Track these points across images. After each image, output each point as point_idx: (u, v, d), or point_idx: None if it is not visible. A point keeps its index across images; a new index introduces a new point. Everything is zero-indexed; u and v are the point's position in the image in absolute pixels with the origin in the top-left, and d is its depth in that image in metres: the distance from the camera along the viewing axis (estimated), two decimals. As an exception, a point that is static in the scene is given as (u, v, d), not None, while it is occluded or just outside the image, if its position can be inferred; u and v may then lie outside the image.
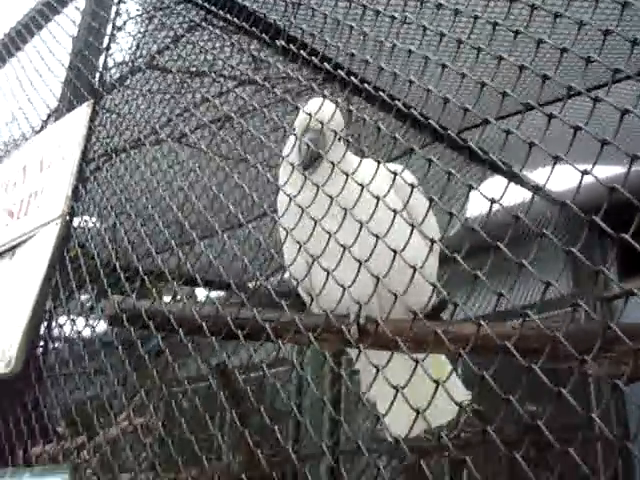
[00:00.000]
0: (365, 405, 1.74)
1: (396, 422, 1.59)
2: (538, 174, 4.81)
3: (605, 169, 3.65)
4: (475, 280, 1.38)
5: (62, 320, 2.57)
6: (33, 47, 4.17)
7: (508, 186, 1.46)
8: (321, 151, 1.97)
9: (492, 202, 1.43)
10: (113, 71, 3.37)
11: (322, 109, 2.00)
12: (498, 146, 1.52)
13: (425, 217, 1.76)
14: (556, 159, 1.31)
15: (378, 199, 1.72)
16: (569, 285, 5.61)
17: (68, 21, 3.86)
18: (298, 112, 2.05)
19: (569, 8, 1.60)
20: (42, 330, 2.59)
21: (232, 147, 2.38)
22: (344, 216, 1.75)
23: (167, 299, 2.36)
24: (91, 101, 3.01)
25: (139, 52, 3.41)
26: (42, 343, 2.61)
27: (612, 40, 1.41)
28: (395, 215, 1.67)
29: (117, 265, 2.38)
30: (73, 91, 3.25)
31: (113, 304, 2.12)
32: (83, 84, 3.22)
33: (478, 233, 1.43)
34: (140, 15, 3.49)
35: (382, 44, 1.91)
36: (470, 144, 1.63)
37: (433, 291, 1.68)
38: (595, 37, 1.43)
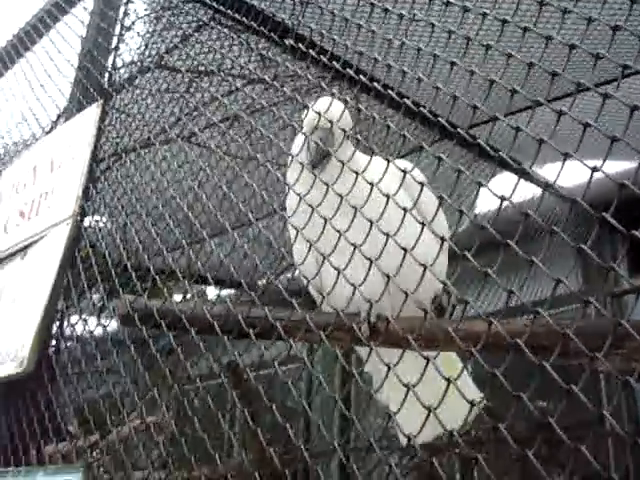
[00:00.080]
0: (376, 404, 1.73)
1: (409, 422, 1.58)
2: (547, 170, 4.79)
3: (614, 164, 3.63)
4: (485, 278, 1.38)
5: (74, 320, 2.59)
6: (42, 48, 4.19)
7: (518, 183, 1.46)
8: (330, 149, 1.97)
9: (502, 199, 1.43)
10: (122, 71, 3.38)
11: (331, 108, 2.00)
12: (507, 142, 1.52)
13: (435, 215, 1.75)
14: (566, 156, 1.31)
15: (388, 197, 1.72)
16: (578, 281, 5.59)
17: (76, 21, 3.88)
18: (307, 111, 2.05)
19: (577, 4, 1.60)
20: (54, 330, 2.60)
21: (241, 146, 2.39)
22: (354, 214, 1.75)
23: (177, 298, 2.37)
24: (100, 101, 3.02)
25: (148, 52, 3.42)
26: (54, 343, 2.62)
27: (621, 35, 1.41)
28: (405, 213, 1.67)
29: (128, 264, 2.39)
30: (82, 91, 3.27)
31: (125, 303, 2.13)
32: (92, 84, 3.24)
33: (487, 229, 1.43)
34: (148, 15, 3.50)
35: (390, 42, 1.91)
36: (479, 141, 1.62)
37: (443, 289, 1.67)
38: (603, 32, 1.42)
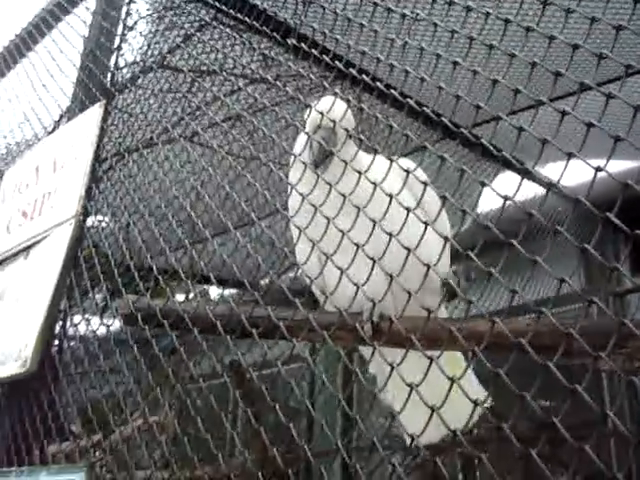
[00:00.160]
0: (379, 403, 1.73)
1: (413, 422, 1.57)
2: (549, 169, 4.78)
3: (617, 164, 3.63)
4: (489, 277, 1.38)
5: (77, 319, 2.59)
6: (44, 48, 4.19)
7: (521, 183, 1.45)
8: (333, 149, 1.97)
9: (505, 199, 1.42)
10: (124, 71, 3.38)
11: (333, 107, 2.00)
12: (510, 142, 1.52)
13: (438, 214, 1.75)
14: (569, 156, 1.31)
15: (391, 197, 1.71)
16: (581, 280, 5.59)
17: (79, 21, 3.88)
18: (309, 110, 2.05)
19: (580, 3, 1.60)
20: (57, 329, 2.60)
21: (243, 145, 2.39)
22: (357, 214, 1.75)
23: (180, 297, 2.37)
24: (103, 101, 3.03)
25: (150, 52, 3.42)
26: (57, 342, 2.62)
27: (624, 35, 1.41)
28: (408, 213, 1.67)
29: (131, 264, 2.39)
30: (85, 91, 3.27)
31: (128, 303, 2.14)
32: (95, 84, 3.24)
33: (490, 229, 1.43)
34: (151, 15, 3.50)
35: (393, 41, 1.91)
36: (482, 141, 1.62)
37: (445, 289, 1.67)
38: (606, 32, 1.42)
